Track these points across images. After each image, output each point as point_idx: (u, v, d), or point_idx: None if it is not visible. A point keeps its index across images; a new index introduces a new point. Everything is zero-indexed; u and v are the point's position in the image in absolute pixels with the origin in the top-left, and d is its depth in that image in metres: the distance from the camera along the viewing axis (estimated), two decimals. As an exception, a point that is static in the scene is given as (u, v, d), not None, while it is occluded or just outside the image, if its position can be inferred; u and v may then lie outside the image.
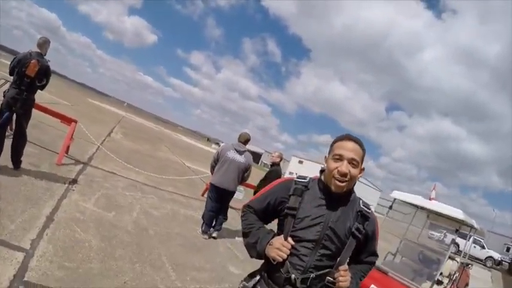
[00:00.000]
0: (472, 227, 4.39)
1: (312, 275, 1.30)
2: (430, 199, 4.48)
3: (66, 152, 5.81)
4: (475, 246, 20.44)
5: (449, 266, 4.45)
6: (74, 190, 4.32)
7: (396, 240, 5.78)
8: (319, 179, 1.44)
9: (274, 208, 1.45)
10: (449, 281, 4.40)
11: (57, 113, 6.13)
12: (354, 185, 1.40)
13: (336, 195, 1.35)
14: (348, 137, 1.40)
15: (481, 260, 20.90)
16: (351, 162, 1.33)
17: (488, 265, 20.95)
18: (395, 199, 4.62)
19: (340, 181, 1.31)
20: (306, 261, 1.31)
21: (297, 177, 1.45)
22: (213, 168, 4.80)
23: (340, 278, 1.29)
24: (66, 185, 4.39)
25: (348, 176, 1.32)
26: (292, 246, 1.31)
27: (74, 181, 4.69)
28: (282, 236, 1.35)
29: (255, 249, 1.40)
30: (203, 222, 4.77)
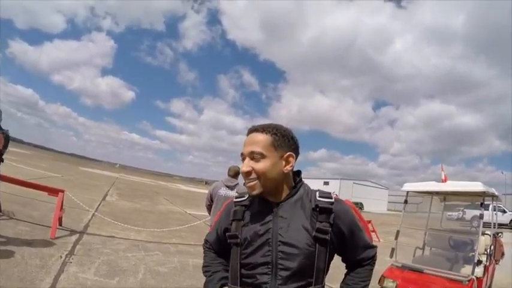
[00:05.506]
0: (493, 195, 4.19)
1: None
2: (443, 181, 4.18)
3: (60, 224, 5.55)
4: (496, 213, 19.80)
5: (483, 242, 4.15)
6: (71, 262, 4.03)
7: (419, 234, 5.44)
8: None
9: (225, 239, 1.20)
10: (487, 257, 4.11)
11: (42, 186, 5.94)
12: (279, 179, 1.11)
13: (276, 199, 1.11)
14: (250, 129, 1.16)
15: (507, 225, 20.46)
16: (252, 157, 1.08)
17: (515, 227, 20.54)
18: (408, 192, 4.39)
19: (247, 182, 1.10)
20: None
21: (236, 197, 1.23)
22: (209, 207, 4.59)
23: None
24: (63, 258, 4.10)
25: (253, 174, 1.07)
26: (249, 276, 1.08)
27: (71, 253, 4.40)
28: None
29: None
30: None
